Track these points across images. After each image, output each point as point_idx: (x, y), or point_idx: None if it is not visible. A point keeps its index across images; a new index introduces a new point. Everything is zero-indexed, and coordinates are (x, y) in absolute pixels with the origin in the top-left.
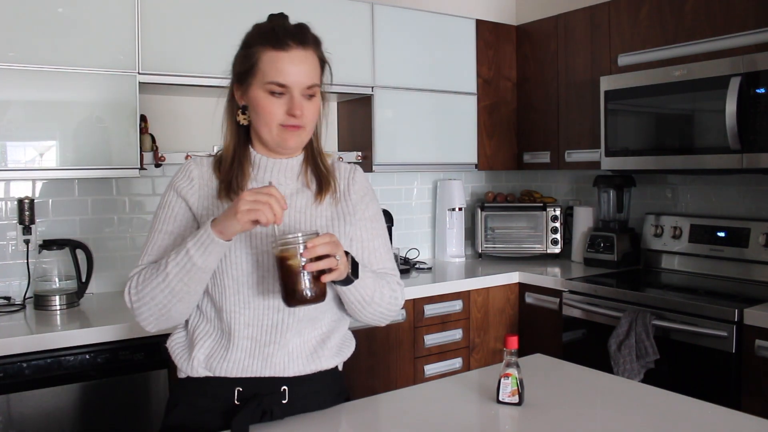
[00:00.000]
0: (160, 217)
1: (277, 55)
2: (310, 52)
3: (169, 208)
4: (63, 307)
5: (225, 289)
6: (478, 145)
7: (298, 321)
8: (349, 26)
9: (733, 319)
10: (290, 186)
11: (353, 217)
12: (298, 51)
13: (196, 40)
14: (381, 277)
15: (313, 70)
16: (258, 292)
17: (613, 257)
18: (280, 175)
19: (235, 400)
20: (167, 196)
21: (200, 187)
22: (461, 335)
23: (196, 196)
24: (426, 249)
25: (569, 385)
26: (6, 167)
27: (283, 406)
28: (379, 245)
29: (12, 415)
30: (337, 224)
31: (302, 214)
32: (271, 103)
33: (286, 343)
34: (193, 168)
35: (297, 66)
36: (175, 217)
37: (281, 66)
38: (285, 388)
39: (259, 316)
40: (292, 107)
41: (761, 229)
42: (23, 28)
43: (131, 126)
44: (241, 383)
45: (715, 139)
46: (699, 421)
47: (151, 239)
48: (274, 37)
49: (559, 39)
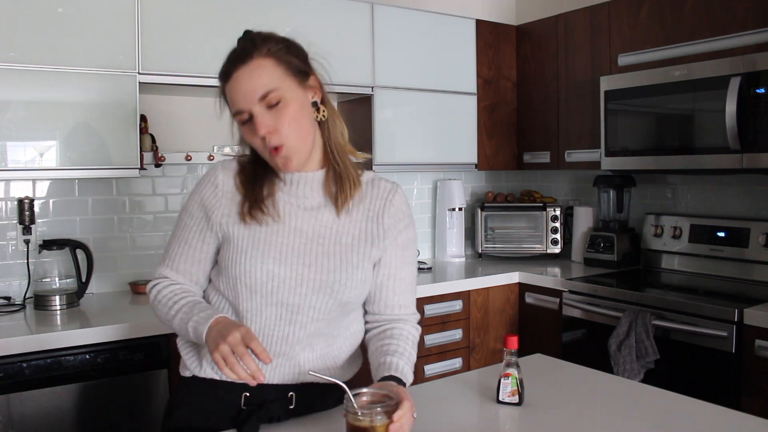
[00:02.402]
0: (182, 223)
1: (228, 87)
2: (256, 61)
3: (191, 218)
4: (63, 307)
5: (239, 294)
6: (478, 145)
7: (309, 336)
8: (349, 26)
9: (733, 319)
10: (316, 199)
11: (382, 242)
12: (240, 70)
13: (196, 40)
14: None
15: (263, 77)
16: (270, 302)
17: (613, 257)
18: (306, 189)
19: (242, 405)
20: (192, 203)
21: (224, 194)
22: (461, 335)
23: (219, 204)
24: (426, 249)
25: (569, 385)
26: (6, 167)
27: (290, 411)
28: (406, 274)
29: (12, 415)
30: (362, 244)
31: (328, 230)
32: (247, 133)
33: (295, 356)
34: (219, 175)
35: (242, 85)
36: (192, 228)
37: (231, 95)
38: (292, 394)
39: (270, 326)
40: (255, 128)
41: (761, 229)
42: (23, 28)
43: (131, 126)
44: (248, 389)
45: (715, 139)
46: (699, 421)
47: (173, 244)
48: (223, 71)
49: (559, 39)
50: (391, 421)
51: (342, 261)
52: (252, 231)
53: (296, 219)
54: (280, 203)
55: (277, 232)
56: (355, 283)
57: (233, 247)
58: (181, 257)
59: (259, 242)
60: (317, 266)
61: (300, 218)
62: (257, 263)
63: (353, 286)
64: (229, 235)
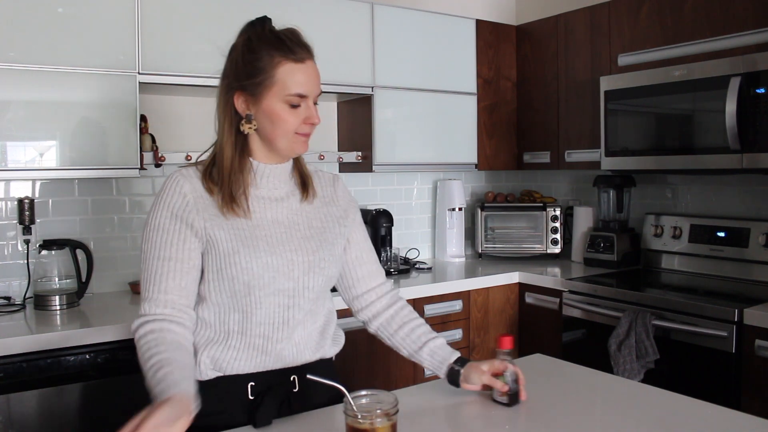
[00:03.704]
0: (157, 242)
1: (297, 67)
2: (314, 62)
3: (166, 233)
4: (63, 307)
5: (235, 293)
6: (478, 145)
7: (304, 314)
8: (349, 26)
9: (733, 319)
10: (285, 189)
11: (346, 220)
12: (310, 62)
13: (196, 40)
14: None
15: (319, 78)
16: (268, 293)
17: (613, 257)
18: (276, 180)
19: (249, 395)
20: (160, 219)
21: (196, 201)
22: (461, 335)
23: (194, 211)
24: (426, 249)
25: (569, 385)
26: (6, 167)
27: (294, 394)
28: (369, 247)
29: (12, 415)
30: (331, 225)
31: (299, 216)
32: (291, 114)
33: (293, 336)
34: (183, 183)
35: (312, 77)
36: (172, 242)
37: (301, 78)
38: (294, 377)
39: (271, 315)
40: (311, 116)
41: (761, 229)
42: (23, 28)
43: (131, 126)
44: (253, 378)
45: (715, 139)
46: (699, 421)
47: (154, 268)
48: (289, 49)
49: (559, 39)
50: (391, 422)
51: (321, 241)
52: (235, 230)
53: (270, 211)
54: (252, 200)
55: (258, 226)
56: (336, 258)
57: (222, 249)
58: (167, 276)
59: (246, 239)
60: (303, 249)
61: (273, 210)
62: (252, 258)
63: (335, 261)
64: (214, 239)
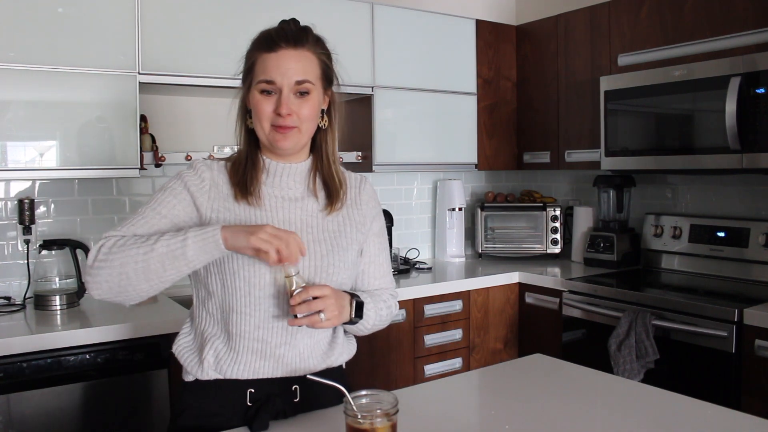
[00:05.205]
0: (159, 198)
1: (267, 56)
2: (306, 51)
3: (172, 195)
4: (63, 307)
5: (236, 290)
6: (478, 145)
7: None
8: (349, 26)
9: (733, 319)
10: (298, 190)
11: (364, 227)
12: (288, 50)
13: (196, 40)
14: (377, 298)
15: (305, 68)
16: (268, 294)
17: (613, 257)
18: (289, 180)
19: (248, 402)
20: (173, 183)
21: (211, 189)
22: (461, 335)
23: (206, 197)
24: (426, 249)
25: (569, 385)
26: (6, 167)
27: (295, 404)
28: (384, 260)
29: (12, 415)
30: (348, 229)
31: (314, 218)
32: (263, 102)
33: (296, 344)
34: (204, 170)
35: (285, 63)
36: (174, 205)
37: (269, 65)
38: (296, 387)
39: (269, 318)
40: (279, 105)
41: (761, 229)
42: (23, 28)
43: (131, 126)
44: (252, 385)
45: (715, 139)
46: (699, 421)
47: (140, 214)
48: (268, 41)
49: (559, 39)
50: (391, 422)
51: (332, 245)
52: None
53: (283, 210)
54: (267, 197)
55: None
56: (348, 264)
57: None
58: (151, 226)
59: None
60: (310, 252)
61: (287, 209)
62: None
63: (346, 267)
64: None
